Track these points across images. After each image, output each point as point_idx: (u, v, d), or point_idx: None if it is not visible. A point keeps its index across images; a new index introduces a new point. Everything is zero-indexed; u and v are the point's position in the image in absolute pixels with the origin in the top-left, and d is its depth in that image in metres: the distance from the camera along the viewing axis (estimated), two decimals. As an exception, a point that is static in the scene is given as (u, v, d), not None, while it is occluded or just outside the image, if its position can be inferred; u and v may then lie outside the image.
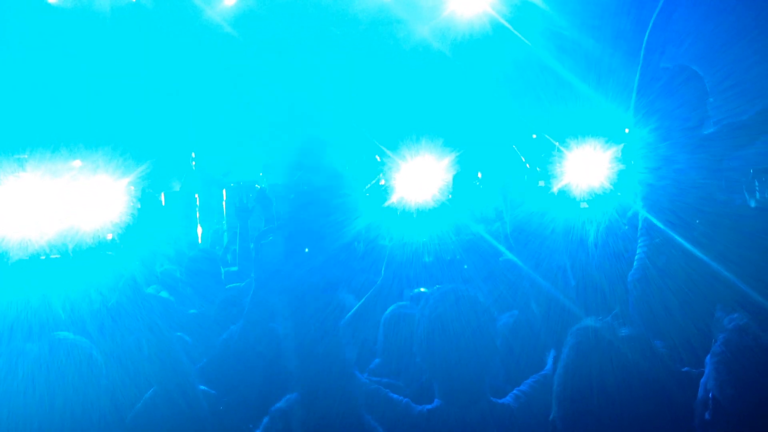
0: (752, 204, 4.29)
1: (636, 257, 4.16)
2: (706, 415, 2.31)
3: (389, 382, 3.39)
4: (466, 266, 4.42)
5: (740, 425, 2.22)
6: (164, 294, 3.63)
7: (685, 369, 2.60)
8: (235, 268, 6.39)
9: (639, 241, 4.20)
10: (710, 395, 2.32)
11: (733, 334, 2.34)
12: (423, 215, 7.05)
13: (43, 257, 6.51)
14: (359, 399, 2.86)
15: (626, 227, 4.39)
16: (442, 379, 2.93)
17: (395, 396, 3.03)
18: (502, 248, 4.52)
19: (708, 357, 2.37)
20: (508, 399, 2.99)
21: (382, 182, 11.43)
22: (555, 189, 10.33)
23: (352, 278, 4.55)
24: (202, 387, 3.23)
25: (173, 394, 2.90)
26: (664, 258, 3.98)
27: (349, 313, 3.49)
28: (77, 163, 10.53)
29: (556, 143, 10.51)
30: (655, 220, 4.07)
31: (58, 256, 6.71)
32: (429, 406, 2.94)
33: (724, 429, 2.26)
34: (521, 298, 3.83)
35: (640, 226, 4.21)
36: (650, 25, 4.24)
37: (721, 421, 2.26)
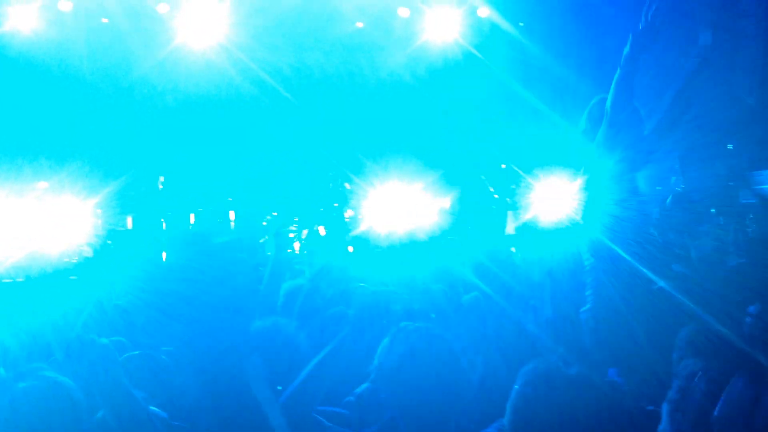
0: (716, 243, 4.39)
1: (589, 289, 4.19)
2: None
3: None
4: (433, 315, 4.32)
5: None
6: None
7: (650, 408, 2.60)
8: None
9: (590, 271, 4.24)
10: None
11: (687, 381, 2.34)
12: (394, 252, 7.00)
13: (7, 280, 6.42)
14: None
15: (592, 258, 4.44)
16: (410, 417, 2.90)
17: None
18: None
19: (664, 404, 2.37)
20: None
21: (349, 213, 11.48)
22: (523, 219, 10.43)
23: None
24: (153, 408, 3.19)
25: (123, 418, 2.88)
26: (627, 289, 4.03)
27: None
28: (43, 184, 10.41)
29: (524, 174, 10.64)
30: (620, 251, 4.13)
31: (21, 279, 6.62)
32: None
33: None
34: (491, 334, 3.83)
35: (590, 256, 4.26)
36: (625, 55, 4.32)
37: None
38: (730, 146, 9.87)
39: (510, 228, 10.93)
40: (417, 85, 12.47)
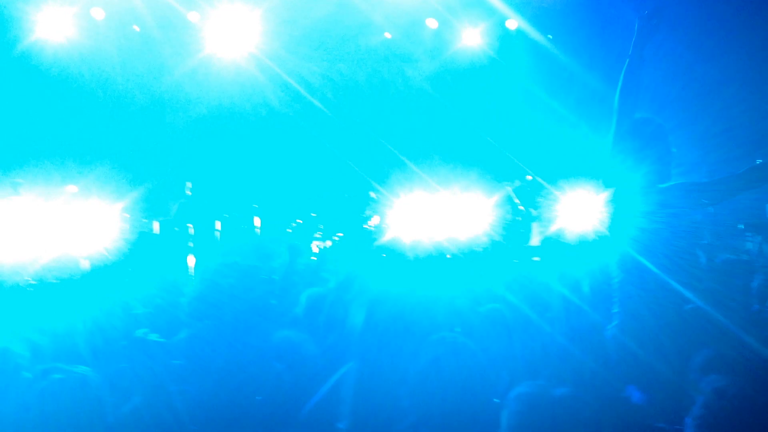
0: (744, 257, 4.33)
1: (617, 304, 4.16)
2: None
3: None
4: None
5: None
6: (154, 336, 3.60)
7: (660, 425, 2.58)
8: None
9: (618, 286, 4.20)
10: None
11: (712, 397, 2.31)
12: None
13: (35, 282, 6.49)
14: None
15: (620, 272, 4.40)
16: (432, 425, 2.88)
17: None
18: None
19: (688, 419, 2.34)
20: None
21: (375, 221, 11.49)
22: (548, 232, 10.39)
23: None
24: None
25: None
26: (656, 303, 4.00)
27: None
28: (72, 188, 10.54)
29: (549, 186, 10.60)
30: (648, 264, 4.09)
31: (53, 281, 6.69)
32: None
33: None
34: (517, 346, 3.81)
35: (618, 269, 4.22)
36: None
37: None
38: (759, 161, 9.78)
39: (535, 240, 10.89)
40: (444, 95, 12.49)
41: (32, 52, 11.17)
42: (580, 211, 9.91)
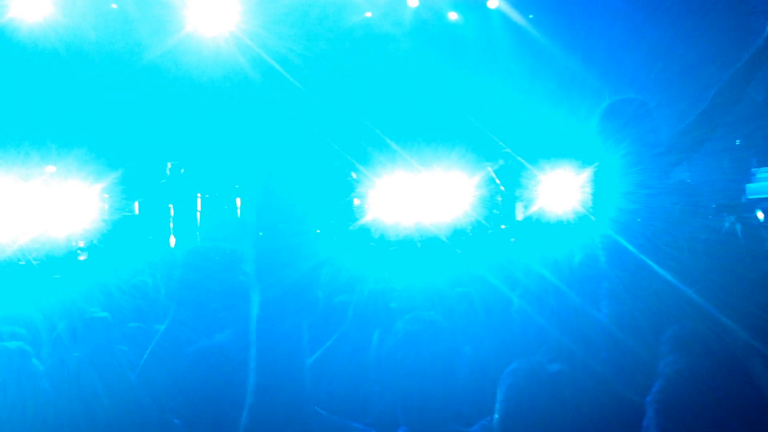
0: (721, 237, 4.36)
1: (605, 286, 4.19)
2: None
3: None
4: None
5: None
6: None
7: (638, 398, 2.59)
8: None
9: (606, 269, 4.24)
10: None
11: (668, 381, 2.33)
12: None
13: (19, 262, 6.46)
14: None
15: (599, 252, 4.44)
16: (408, 404, 2.89)
17: (357, 425, 3.01)
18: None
19: (647, 399, 2.36)
20: (475, 428, 2.97)
21: (355, 203, 11.49)
22: (529, 212, 10.45)
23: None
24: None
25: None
26: (633, 283, 4.04)
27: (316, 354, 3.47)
28: (50, 168, 10.44)
29: (531, 166, 10.65)
30: (626, 243, 4.13)
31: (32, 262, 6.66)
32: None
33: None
34: (497, 326, 3.84)
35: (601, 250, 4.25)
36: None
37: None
38: (737, 141, 9.87)
39: (516, 220, 10.94)
40: (425, 74, 12.47)
41: (8, 31, 11.02)
42: (560, 191, 9.98)
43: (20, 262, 7.59)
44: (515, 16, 11.80)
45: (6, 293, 4.67)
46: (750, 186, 9.28)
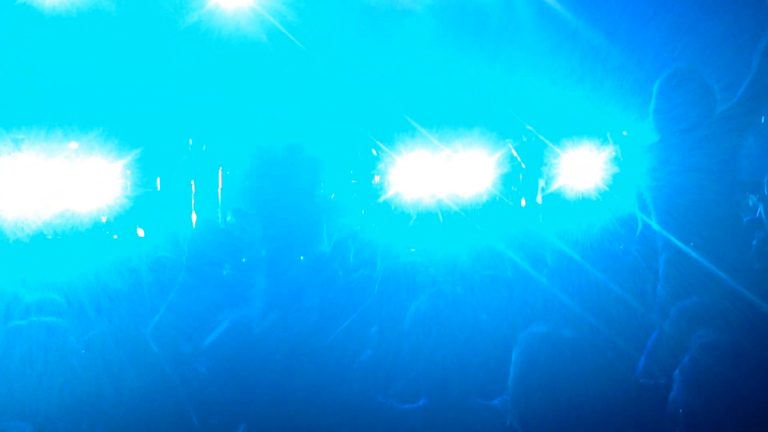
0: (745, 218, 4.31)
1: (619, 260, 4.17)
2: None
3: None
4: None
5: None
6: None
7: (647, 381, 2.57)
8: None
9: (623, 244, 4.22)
10: (680, 411, 2.30)
11: (700, 353, 2.32)
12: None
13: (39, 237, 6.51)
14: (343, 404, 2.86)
15: (621, 229, 4.42)
16: (430, 378, 2.90)
17: (379, 398, 3.03)
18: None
19: (676, 372, 2.35)
20: (496, 401, 2.97)
21: (376, 179, 11.49)
22: (550, 190, 10.41)
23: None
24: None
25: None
26: (654, 258, 4.02)
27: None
28: (73, 144, 10.51)
29: (551, 144, 10.58)
30: (649, 221, 4.11)
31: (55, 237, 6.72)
32: (413, 405, 2.93)
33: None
34: (518, 303, 3.83)
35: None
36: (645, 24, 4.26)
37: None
38: (762, 119, 9.73)
39: (537, 197, 10.90)
40: (445, 50, 12.38)
41: (32, 7, 11.05)
42: (582, 168, 9.92)
43: (48, 237, 7.68)
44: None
45: (38, 263, 4.72)
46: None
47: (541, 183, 10.84)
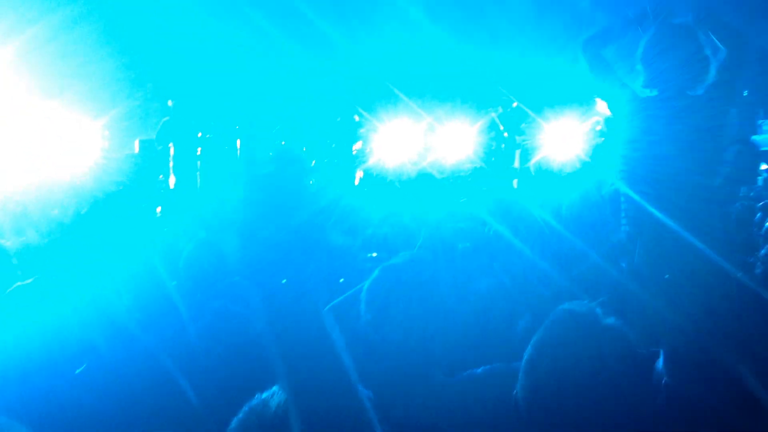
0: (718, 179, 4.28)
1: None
2: (659, 402, 2.26)
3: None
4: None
5: (693, 413, 2.19)
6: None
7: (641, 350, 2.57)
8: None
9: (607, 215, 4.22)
10: (663, 381, 2.28)
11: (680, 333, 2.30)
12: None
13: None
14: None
15: (601, 199, 4.43)
16: (409, 351, 2.77)
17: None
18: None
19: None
20: (459, 378, 2.82)
21: (358, 146, 11.45)
22: (533, 161, 10.41)
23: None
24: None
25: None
26: (637, 230, 4.02)
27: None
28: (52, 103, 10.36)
29: (533, 113, 10.58)
30: (630, 192, 4.10)
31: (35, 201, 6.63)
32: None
33: (677, 417, 2.22)
34: (499, 271, 3.82)
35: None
36: None
37: (674, 408, 2.22)
38: (745, 93, 9.77)
39: (518, 166, 10.92)
40: (430, 19, 12.28)
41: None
42: (564, 138, 9.92)
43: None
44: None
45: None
46: (756, 138, 9.21)
47: (522, 152, 10.85)
